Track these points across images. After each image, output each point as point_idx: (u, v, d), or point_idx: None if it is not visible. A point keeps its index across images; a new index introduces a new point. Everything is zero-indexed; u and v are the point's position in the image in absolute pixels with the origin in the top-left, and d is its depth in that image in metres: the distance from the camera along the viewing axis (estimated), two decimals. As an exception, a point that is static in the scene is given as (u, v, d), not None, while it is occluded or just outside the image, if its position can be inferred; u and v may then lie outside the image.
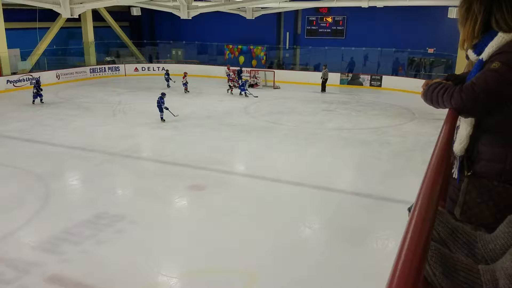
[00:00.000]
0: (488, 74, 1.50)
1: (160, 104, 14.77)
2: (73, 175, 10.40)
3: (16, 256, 6.39)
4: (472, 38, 1.64)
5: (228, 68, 23.16)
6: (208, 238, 6.97)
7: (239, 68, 23.22)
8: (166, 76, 22.28)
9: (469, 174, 1.60)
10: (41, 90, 17.68)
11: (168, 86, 21.76)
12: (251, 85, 22.31)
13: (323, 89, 21.98)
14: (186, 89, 20.91)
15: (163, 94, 15.01)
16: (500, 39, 1.54)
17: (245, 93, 20.04)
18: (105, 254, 6.52)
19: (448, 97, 1.58)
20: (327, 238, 7.28)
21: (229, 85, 21.03)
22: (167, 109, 14.73)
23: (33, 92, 17.63)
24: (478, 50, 1.62)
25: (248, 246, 6.72)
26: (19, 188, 9.06)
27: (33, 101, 17.65)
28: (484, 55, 1.58)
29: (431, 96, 1.68)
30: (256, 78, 23.24)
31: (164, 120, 14.83)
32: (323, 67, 22.27)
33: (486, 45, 1.58)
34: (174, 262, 6.58)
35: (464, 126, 1.64)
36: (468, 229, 1.35)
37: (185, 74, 21.08)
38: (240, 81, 20.66)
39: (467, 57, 1.76)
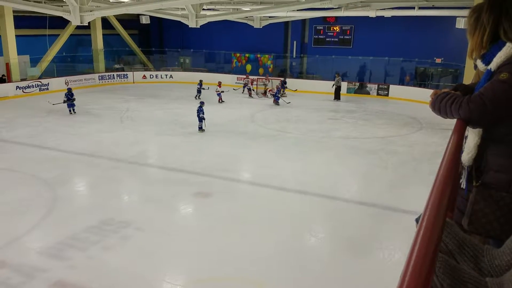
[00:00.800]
0: (497, 85, 1.50)
1: (199, 113, 14.54)
2: (80, 181, 10.45)
3: (22, 261, 6.41)
4: (480, 48, 1.65)
5: (267, 79, 24.03)
6: (214, 246, 6.96)
7: (283, 79, 23.21)
8: (199, 87, 21.51)
9: (477, 184, 1.59)
10: (74, 99, 17.10)
11: (197, 97, 20.74)
12: (265, 92, 22.85)
13: (337, 97, 22.02)
14: (220, 99, 20.53)
15: (202, 103, 14.71)
16: (508, 49, 1.54)
17: (277, 101, 20.35)
18: (110, 260, 6.53)
19: (456, 107, 1.58)
20: (333, 248, 7.23)
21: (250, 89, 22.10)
22: (204, 119, 14.56)
23: (64, 101, 17.06)
24: (487, 60, 1.63)
25: (254, 255, 6.69)
26: (27, 193, 9.12)
27: (70, 110, 17.12)
28: (493, 65, 1.58)
29: (439, 106, 1.67)
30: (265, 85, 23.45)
31: (204, 130, 14.64)
32: (336, 75, 22.21)
33: (494, 55, 1.58)
34: (179, 269, 6.57)
35: (472, 136, 1.64)
36: (475, 242, 1.34)
37: (219, 84, 20.63)
38: (277, 91, 20.89)
39: (475, 67, 1.76)
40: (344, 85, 23.72)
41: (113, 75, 26.24)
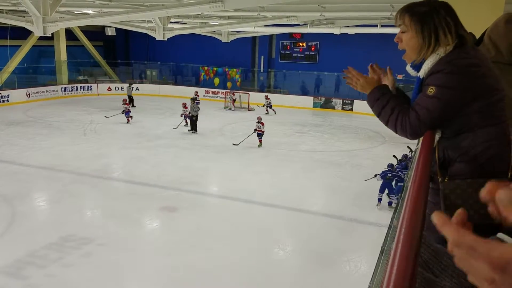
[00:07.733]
0: (428, 101, 1.54)
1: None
2: (41, 196, 10.06)
3: (-24, 281, 6.08)
4: (428, 53, 1.62)
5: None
6: (180, 262, 6.83)
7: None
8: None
9: (446, 180, 1.57)
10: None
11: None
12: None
13: (193, 127, 16.59)
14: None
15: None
16: (435, 56, 1.56)
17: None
18: (71, 278, 6.29)
19: (395, 124, 1.62)
20: (300, 261, 7.26)
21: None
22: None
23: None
24: (417, 66, 1.65)
25: (221, 269, 6.62)
26: (-18, 209, 8.68)
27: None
28: (421, 73, 1.61)
29: (376, 104, 1.74)
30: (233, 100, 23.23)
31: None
32: (191, 100, 16.81)
33: (423, 62, 1.60)
34: (144, 287, 6.40)
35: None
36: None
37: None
38: None
39: None
40: (310, 100, 24.12)
41: (77, 87, 25.59)
